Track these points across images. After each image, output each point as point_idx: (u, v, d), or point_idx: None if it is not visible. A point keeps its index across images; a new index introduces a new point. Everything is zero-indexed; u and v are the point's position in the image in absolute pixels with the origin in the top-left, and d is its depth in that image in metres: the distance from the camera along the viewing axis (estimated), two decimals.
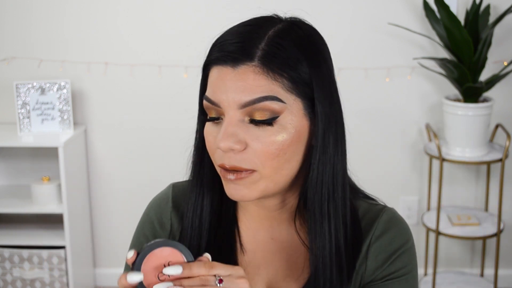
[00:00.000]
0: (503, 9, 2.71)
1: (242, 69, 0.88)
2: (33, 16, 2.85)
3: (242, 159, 0.89)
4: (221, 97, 0.89)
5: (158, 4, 2.82)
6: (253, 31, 0.91)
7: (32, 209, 2.74)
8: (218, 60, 0.91)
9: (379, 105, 2.87)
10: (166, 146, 2.94)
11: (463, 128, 2.60)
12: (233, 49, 0.89)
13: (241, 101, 0.88)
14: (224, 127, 0.89)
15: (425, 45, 2.80)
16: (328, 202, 0.95)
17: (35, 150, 2.97)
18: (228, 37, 0.91)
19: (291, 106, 0.90)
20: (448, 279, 2.86)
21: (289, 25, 0.93)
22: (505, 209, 2.91)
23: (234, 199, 0.93)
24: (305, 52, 0.91)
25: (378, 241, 1.00)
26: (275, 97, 0.88)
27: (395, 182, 2.95)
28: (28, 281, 2.82)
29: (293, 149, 0.91)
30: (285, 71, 0.89)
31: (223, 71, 0.90)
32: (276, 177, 0.92)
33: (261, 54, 0.89)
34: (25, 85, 2.76)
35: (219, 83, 0.90)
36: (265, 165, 0.90)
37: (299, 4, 2.76)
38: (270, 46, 0.89)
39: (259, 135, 0.89)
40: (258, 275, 1.02)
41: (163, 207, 1.08)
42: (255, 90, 0.88)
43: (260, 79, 0.88)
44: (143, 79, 2.89)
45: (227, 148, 0.88)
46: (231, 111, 0.89)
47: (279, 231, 1.02)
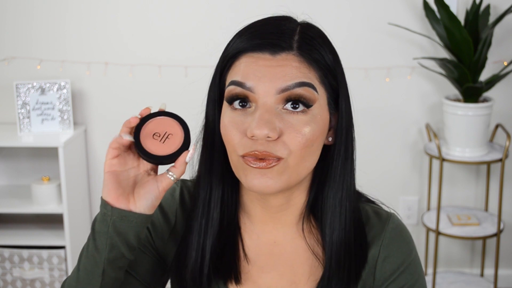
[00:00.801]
0: (503, 9, 2.71)
1: (282, 56, 0.90)
2: (33, 16, 2.85)
3: (273, 146, 0.89)
4: (257, 82, 0.89)
5: (158, 4, 2.82)
6: (282, 24, 0.93)
7: (32, 209, 2.74)
8: (255, 47, 0.91)
9: (379, 105, 2.87)
10: None
11: (463, 128, 2.60)
12: (272, 38, 0.90)
13: (280, 87, 0.88)
14: (260, 114, 0.88)
15: (425, 45, 2.80)
16: (346, 199, 0.96)
17: (35, 150, 2.97)
18: (260, 28, 0.92)
19: (321, 98, 0.92)
20: (448, 279, 2.86)
21: (307, 24, 0.96)
22: (505, 209, 2.91)
23: (256, 190, 0.91)
24: (329, 48, 0.95)
25: (386, 251, 0.99)
26: (312, 85, 0.90)
27: (395, 182, 2.95)
28: (28, 281, 2.82)
29: (319, 141, 0.92)
30: (319, 62, 0.91)
31: (259, 58, 0.90)
32: (300, 168, 0.91)
33: (298, 44, 0.91)
34: (25, 85, 2.76)
35: (254, 69, 0.90)
36: (293, 154, 0.89)
37: (299, 4, 2.76)
38: (304, 37, 0.92)
39: (292, 124, 0.89)
40: (262, 279, 1.01)
41: (170, 201, 1.06)
42: (295, 76, 0.89)
43: (301, 67, 0.90)
44: (143, 79, 2.89)
45: (263, 135, 0.87)
46: (266, 98, 0.89)
47: (283, 234, 1.01)
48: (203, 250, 0.99)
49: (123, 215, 0.90)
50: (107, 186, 0.90)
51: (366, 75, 2.83)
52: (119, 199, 0.90)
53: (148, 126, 0.92)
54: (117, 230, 0.90)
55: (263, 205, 0.99)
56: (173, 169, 0.92)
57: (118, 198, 0.90)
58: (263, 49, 0.90)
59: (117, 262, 0.92)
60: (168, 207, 1.06)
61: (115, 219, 0.90)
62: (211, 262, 0.99)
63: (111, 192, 0.90)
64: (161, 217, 1.05)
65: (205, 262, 0.99)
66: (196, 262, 0.99)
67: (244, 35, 0.92)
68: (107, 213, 0.90)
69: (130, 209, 0.90)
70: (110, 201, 0.90)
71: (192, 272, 0.99)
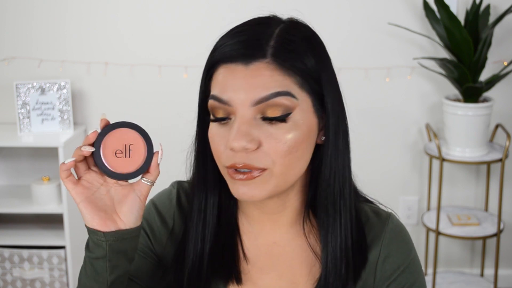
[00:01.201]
0: (503, 9, 2.71)
1: (255, 66, 0.87)
2: (33, 16, 2.85)
3: (254, 157, 0.88)
4: (233, 95, 0.88)
5: (158, 4, 2.82)
6: (260, 29, 0.90)
7: (32, 209, 2.74)
8: (227, 58, 0.89)
9: (379, 105, 2.87)
10: (166, 146, 2.93)
11: (463, 128, 2.60)
12: (244, 46, 0.88)
13: (255, 98, 0.87)
14: (237, 126, 0.87)
15: (425, 45, 2.80)
16: (340, 197, 0.95)
17: (35, 150, 2.97)
18: (234, 36, 0.90)
19: (302, 103, 0.89)
20: (448, 279, 2.86)
21: (291, 24, 0.93)
22: (505, 209, 2.91)
23: (242, 199, 0.91)
24: (313, 48, 0.91)
25: (387, 250, 0.99)
26: (289, 93, 0.88)
27: (395, 182, 2.95)
28: (28, 281, 2.82)
29: (304, 146, 0.91)
30: (297, 67, 0.88)
31: (233, 69, 0.88)
32: (287, 176, 0.91)
33: (272, 51, 0.88)
34: (25, 85, 2.76)
35: (229, 82, 0.88)
36: (277, 163, 0.88)
37: (299, 4, 2.76)
38: (280, 42, 0.89)
39: (272, 133, 0.88)
40: (262, 280, 1.01)
41: (166, 204, 1.06)
42: (269, 85, 0.87)
43: (274, 75, 0.87)
44: (143, 79, 2.89)
45: (241, 147, 0.86)
46: (243, 109, 0.87)
47: (280, 235, 1.01)
48: (201, 255, 0.99)
49: (117, 237, 0.89)
50: (88, 215, 0.88)
51: (366, 75, 2.83)
52: (106, 223, 0.88)
53: (107, 141, 0.90)
54: (115, 251, 0.90)
55: (260, 208, 0.99)
56: (147, 174, 0.91)
57: (105, 223, 0.88)
58: (236, 60, 0.88)
59: (120, 279, 0.92)
60: (166, 210, 1.06)
61: (110, 243, 0.89)
62: (210, 264, 0.99)
63: (94, 219, 0.88)
64: (159, 221, 1.05)
65: (203, 266, 0.99)
66: (194, 266, 0.99)
67: (221, 43, 0.91)
68: (100, 239, 0.89)
69: (121, 228, 0.89)
70: (98, 228, 0.88)
71: (189, 276, 0.99)
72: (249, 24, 0.93)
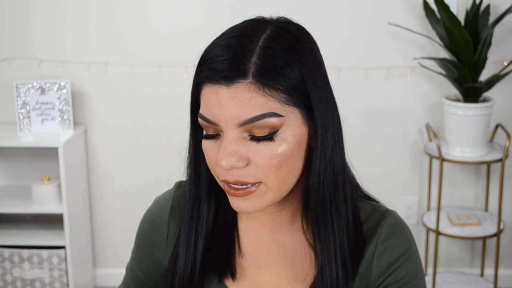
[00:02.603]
0: (503, 9, 2.71)
1: (237, 87, 0.86)
2: (33, 16, 2.85)
3: (246, 173, 0.89)
4: (219, 115, 0.87)
5: (158, 4, 2.82)
6: (242, 44, 0.88)
7: (32, 209, 2.74)
8: (210, 79, 0.88)
9: (379, 105, 2.87)
10: (166, 146, 2.94)
11: (463, 128, 2.60)
12: (225, 67, 0.87)
13: (240, 119, 0.87)
14: (224, 146, 0.88)
15: (425, 45, 2.80)
16: (330, 204, 0.94)
17: (35, 150, 2.97)
18: (217, 53, 0.89)
19: (290, 117, 0.89)
20: (448, 279, 2.86)
21: (277, 30, 0.91)
22: (505, 209, 2.91)
23: (242, 212, 0.93)
24: (296, 56, 0.89)
25: (383, 246, 0.99)
26: (273, 113, 0.87)
27: (395, 182, 2.95)
28: (28, 281, 2.82)
29: (294, 158, 0.91)
30: (280, 84, 0.87)
31: (216, 90, 0.88)
32: (282, 188, 0.91)
33: (254, 70, 0.86)
34: (25, 85, 2.76)
35: (214, 102, 0.88)
36: (269, 177, 0.89)
37: (299, 4, 2.76)
38: (262, 59, 0.87)
39: (260, 150, 0.88)
40: (261, 277, 1.01)
41: (162, 212, 1.07)
42: (252, 108, 0.86)
43: (257, 97, 0.86)
44: (143, 79, 2.89)
45: (229, 166, 0.87)
46: (229, 129, 0.88)
47: (280, 233, 1.01)
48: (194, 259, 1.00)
49: None
50: None
51: (366, 75, 2.83)
52: None
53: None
54: None
55: None
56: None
57: None
58: (219, 81, 0.87)
59: None
60: (161, 218, 1.07)
61: None
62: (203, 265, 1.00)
63: None
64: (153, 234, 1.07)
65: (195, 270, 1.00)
66: (185, 269, 1.00)
67: (205, 62, 0.90)
68: None
69: None
70: None
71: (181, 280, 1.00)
72: (233, 36, 0.91)
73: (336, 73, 2.77)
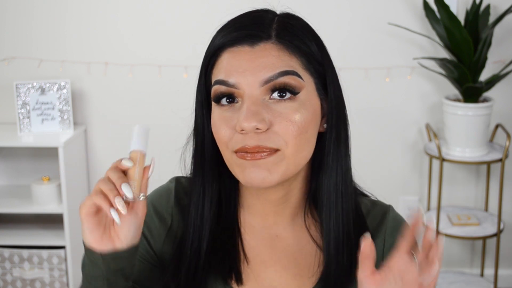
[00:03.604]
0: (503, 9, 2.71)
1: (261, 47, 0.89)
2: (33, 16, 2.85)
3: (266, 138, 0.88)
4: (240, 77, 0.88)
5: (158, 4, 2.82)
6: (260, 16, 0.92)
7: (32, 209, 2.74)
8: (233, 41, 0.90)
9: (379, 105, 2.87)
10: (166, 145, 2.93)
11: (463, 128, 2.60)
12: (249, 29, 0.90)
13: (263, 78, 0.88)
14: (247, 107, 0.88)
15: (425, 45, 2.80)
16: (342, 184, 0.96)
17: (35, 150, 2.97)
18: (236, 22, 0.92)
19: (307, 84, 0.91)
20: (448, 279, 2.86)
21: (288, 13, 0.96)
22: (505, 209, 2.91)
23: (254, 185, 0.90)
24: (312, 33, 0.94)
25: (391, 239, 1.00)
26: (296, 72, 0.89)
27: (395, 182, 2.95)
28: (28, 281, 2.82)
29: (312, 127, 0.92)
30: (301, 48, 0.90)
31: (238, 52, 0.89)
32: (297, 159, 0.91)
33: (277, 33, 0.90)
34: (25, 85, 2.76)
35: (235, 64, 0.89)
36: (288, 143, 0.89)
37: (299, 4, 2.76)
38: (282, 26, 0.91)
39: (281, 113, 0.89)
40: (265, 272, 1.01)
41: (164, 201, 1.05)
42: (276, 65, 0.88)
43: (281, 55, 0.89)
44: (143, 79, 2.89)
45: (252, 128, 0.86)
46: (251, 91, 0.88)
47: (283, 228, 1.01)
48: (198, 252, 0.98)
49: (113, 257, 0.88)
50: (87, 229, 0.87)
51: (366, 75, 2.83)
52: (102, 241, 0.87)
53: None
54: (112, 270, 0.89)
55: (262, 200, 0.99)
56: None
57: (101, 240, 0.87)
58: (241, 42, 0.89)
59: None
60: (163, 207, 1.05)
61: (107, 262, 0.88)
62: (207, 262, 0.99)
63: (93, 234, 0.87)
64: (157, 220, 1.04)
65: (200, 264, 0.98)
66: (191, 263, 0.98)
67: (222, 31, 0.92)
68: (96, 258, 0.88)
69: (117, 248, 0.88)
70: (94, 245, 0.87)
71: (186, 274, 0.98)
72: (248, 13, 0.95)
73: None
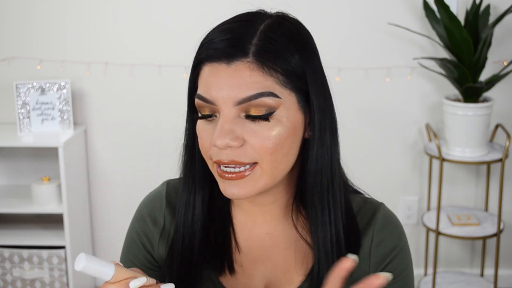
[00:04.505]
0: (503, 9, 2.71)
1: (237, 65, 0.88)
2: (33, 16, 2.85)
3: (241, 154, 0.89)
4: (216, 94, 0.89)
5: (158, 4, 2.82)
6: (244, 27, 0.91)
7: (32, 209, 2.74)
8: (211, 57, 0.90)
9: (379, 105, 2.87)
10: (166, 145, 2.94)
11: (463, 128, 2.60)
12: (227, 46, 0.89)
13: (237, 98, 0.88)
14: (220, 125, 0.89)
15: (425, 45, 2.80)
16: (328, 192, 0.96)
17: (35, 150, 2.97)
18: (219, 34, 0.91)
19: (286, 100, 0.90)
20: (448, 279, 2.86)
21: (278, 19, 0.94)
22: (505, 209, 2.91)
23: (233, 198, 0.92)
24: (296, 45, 0.91)
25: (380, 236, 1.01)
26: (271, 93, 0.88)
27: (395, 182, 2.95)
28: (28, 281, 2.82)
29: (289, 143, 0.91)
30: (279, 66, 0.89)
31: (216, 68, 0.89)
32: (275, 172, 0.92)
33: (255, 50, 0.88)
34: (25, 85, 2.76)
35: (213, 81, 0.89)
36: (264, 160, 0.90)
37: (299, 4, 2.76)
38: (263, 41, 0.89)
39: (256, 130, 0.89)
40: (256, 270, 1.02)
41: (157, 204, 1.07)
42: (251, 86, 0.88)
43: (256, 75, 0.88)
44: (143, 79, 2.89)
45: (224, 145, 0.88)
46: (226, 108, 0.89)
47: (274, 226, 1.02)
48: (191, 250, 1.00)
49: None
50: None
51: (366, 75, 2.83)
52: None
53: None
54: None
55: (251, 201, 1.00)
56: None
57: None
58: (220, 58, 0.89)
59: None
60: (156, 210, 1.07)
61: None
62: (200, 257, 1.00)
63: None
64: (151, 225, 1.07)
65: (193, 260, 1.00)
66: (183, 260, 1.00)
67: (207, 42, 0.92)
68: None
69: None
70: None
71: (179, 270, 1.00)
72: (234, 21, 0.94)
73: (336, 73, 2.77)
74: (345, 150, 1.01)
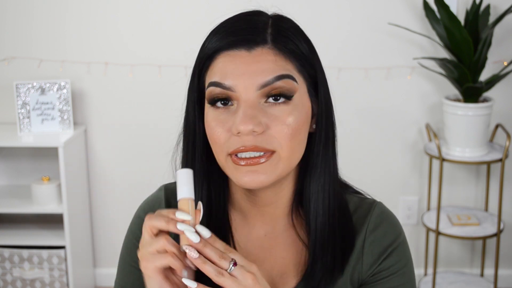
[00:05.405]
0: (503, 9, 2.71)
1: (258, 51, 0.90)
2: (33, 16, 2.85)
3: (262, 140, 0.90)
4: (236, 81, 0.89)
5: (158, 4, 2.82)
6: (254, 19, 0.94)
7: (32, 209, 2.74)
8: (230, 45, 0.91)
9: (379, 105, 2.87)
10: (166, 146, 2.93)
11: (463, 128, 2.60)
12: (246, 33, 0.91)
13: (260, 82, 0.89)
14: (243, 110, 0.89)
15: (425, 45, 2.80)
16: (329, 183, 0.97)
17: (35, 150, 2.97)
18: (233, 25, 0.93)
19: (301, 87, 0.93)
20: (448, 279, 2.86)
21: (279, 15, 0.97)
22: (505, 209, 2.91)
23: (249, 187, 0.92)
24: (303, 36, 0.95)
25: (373, 235, 1.01)
26: (291, 76, 0.91)
27: (395, 182, 2.95)
28: (28, 281, 2.82)
29: (304, 129, 0.93)
30: (295, 52, 0.92)
31: (235, 56, 0.90)
32: (291, 160, 0.93)
33: (272, 37, 0.91)
34: (25, 85, 2.76)
35: (231, 68, 0.90)
36: (283, 146, 0.90)
37: (299, 4, 2.76)
38: (277, 30, 0.92)
39: (276, 116, 0.90)
40: None
41: (156, 208, 1.06)
42: (272, 70, 0.90)
43: (277, 60, 0.90)
44: (143, 79, 2.89)
45: (249, 130, 0.88)
46: (247, 94, 0.89)
47: (272, 228, 1.02)
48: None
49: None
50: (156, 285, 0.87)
51: (366, 75, 2.83)
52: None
53: None
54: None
55: (251, 200, 1.00)
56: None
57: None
58: (238, 46, 0.91)
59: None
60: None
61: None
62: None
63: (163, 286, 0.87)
64: None
65: None
66: None
67: (217, 33, 0.93)
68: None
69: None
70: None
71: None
72: (242, 16, 0.96)
73: (336, 73, 2.77)
74: (345, 150, 1.01)
